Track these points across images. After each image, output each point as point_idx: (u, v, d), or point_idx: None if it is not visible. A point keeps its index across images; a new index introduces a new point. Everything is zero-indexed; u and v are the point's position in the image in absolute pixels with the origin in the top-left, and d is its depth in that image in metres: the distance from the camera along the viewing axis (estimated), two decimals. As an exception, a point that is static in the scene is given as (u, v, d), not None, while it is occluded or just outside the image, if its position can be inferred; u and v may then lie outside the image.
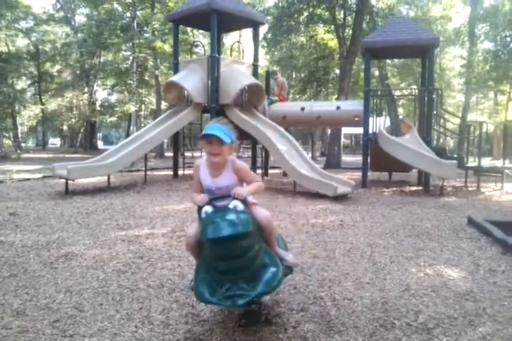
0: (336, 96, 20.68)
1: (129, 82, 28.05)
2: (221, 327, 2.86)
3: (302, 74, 30.72)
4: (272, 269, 2.60)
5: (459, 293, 3.50)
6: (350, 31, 19.97)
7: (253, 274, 2.55)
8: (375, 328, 2.87)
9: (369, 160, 11.56)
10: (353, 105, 12.08)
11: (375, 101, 11.74)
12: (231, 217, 2.50)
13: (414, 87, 28.71)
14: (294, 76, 33.25)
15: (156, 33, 25.20)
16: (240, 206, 2.62)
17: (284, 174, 12.05)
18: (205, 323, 2.93)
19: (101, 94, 40.64)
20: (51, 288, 3.55)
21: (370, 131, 11.03)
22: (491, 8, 27.96)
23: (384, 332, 2.82)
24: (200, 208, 2.67)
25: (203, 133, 2.78)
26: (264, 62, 34.34)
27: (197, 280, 2.63)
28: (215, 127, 2.78)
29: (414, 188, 10.97)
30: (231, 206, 2.61)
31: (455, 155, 12.31)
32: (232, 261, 2.48)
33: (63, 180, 9.13)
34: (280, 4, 22.06)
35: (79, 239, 5.13)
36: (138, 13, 25.72)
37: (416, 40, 10.47)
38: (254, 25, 12.50)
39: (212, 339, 2.71)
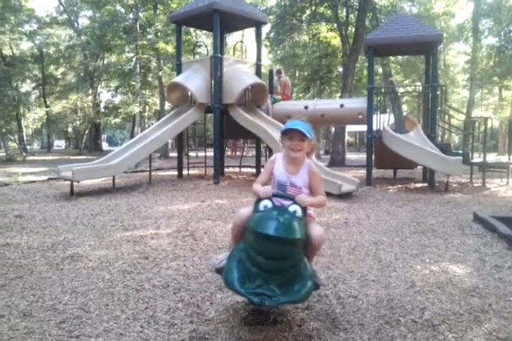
0: (340, 94, 20.66)
1: (133, 83, 28.14)
2: (226, 326, 2.86)
3: (305, 73, 30.70)
4: (305, 281, 2.58)
5: (465, 290, 3.48)
6: (353, 29, 19.93)
7: (287, 280, 2.55)
8: (381, 325, 2.87)
9: (373, 158, 11.53)
10: (356, 103, 12.05)
11: (378, 98, 11.72)
12: (288, 219, 2.50)
13: (418, 83, 28.63)
14: (297, 74, 33.21)
15: (158, 34, 25.26)
16: (299, 212, 2.61)
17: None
18: (211, 322, 2.93)
19: (105, 95, 40.80)
20: (57, 289, 3.57)
21: (374, 129, 11.02)
22: (494, 3, 27.80)
23: (389, 329, 2.81)
24: (259, 200, 2.66)
25: (286, 127, 2.80)
26: (267, 61, 34.37)
27: (230, 266, 2.61)
28: (296, 123, 2.81)
29: (419, 185, 10.94)
30: (291, 209, 2.61)
31: (460, 152, 12.26)
32: (273, 261, 2.48)
33: (68, 182, 9.16)
34: (282, 3, 22.03)
35: (84, 240, 5.15)
36: (141, 14, 25.80)
37: (419, 36, 10.42)
38: (257, 24, 12.49)
39: (217, 338, 2.71)
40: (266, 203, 2.64)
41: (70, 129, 41.99)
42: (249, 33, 32.46)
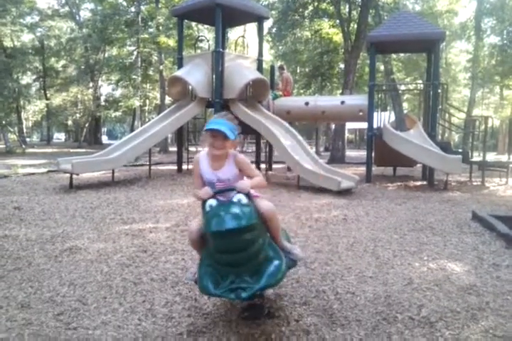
0: (341, 90, 20.62)
1: (134, 77, 28.08)
2: (224, 320, 2.87)
3: (307, 69, 30.65)
4: (276, 262, 2.60)
5: (462, 287, 3.49)
6: (355, 26, 19.87)
7: (257, 267, 2.56)
8: (378, 322, 2.88)
9: (373, 155, 11.53)
10: (357, 100, 12.02)
11: (379, 95, 11.70)
12: (235, 210, 2.50)
13: (420, 81, 28.58)
14: (298, 71, 33.14)
15: (160, 27, 25.16)
16: (244, 199, 2.62)
17: (288, 169, 12.03)
18: (208, 316, 2.94)
19: (105, 89, 40.77)
20: (55, 281, 3.58)
21: (375, 126, 11.01)
22: (497, 2, 27.70)
23: (386, 326, 2.82)
24: (204, 202, 2.67)
25: (208, 127, 2.77)
26: (268, 56, 34.27)
27: (200, 273, 2.64)
28: (220, 122, 2.78)
29: (418, 183, 10.94)
30: (235, 199, 2.61)
31: (460, 150, 12.27)
32: (236, 254, 2.49)
33: (68, 175, 9.16)
34: (285, -2, 21.96)
35: (83, 233, 5.15)
36: (142, 7, 25.73)
37: (421, 34, 10.39)
38: (259, 19, 12.44)
39: (215, 332, 2.72)
40: (210, 202, 2.64)
41: (70, 122, 41.87)
42: (251, 28, 32.35)
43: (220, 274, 2.57)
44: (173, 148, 21.32)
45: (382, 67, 22.62)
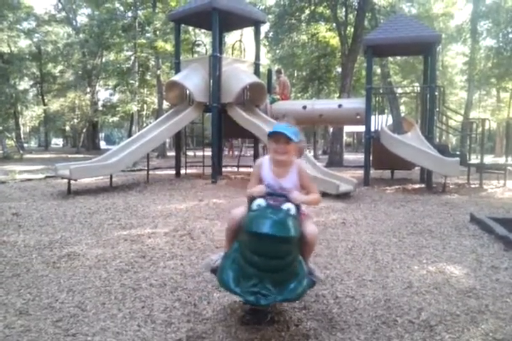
0: (338, 94, 20.67)
1: (131, 81, 28.08)
2: (223, 326, 2.86)
3: (304, 73, 30.74)
4: (301, 279, 2.59)
5: (462, 290, 3.49)
6: (352, 29, 19.94)
7: (282, 279, 2.54)
8: (378, 326, 2.87)
9: (371, 158, 11.54)
10: (354, 103, 12.06)
11: (377, 99, 11.72)
12: (282, 217, 2.49)
13: (417, 84, 28.66)
14: (295, 74, 33.22)
15: (157, 32, 25.21)
16: (293, 210, 2.61)
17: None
18: (208, 321, 2.93)
19: (103, 94, 40.71)
20: (54, 287, 3.56)
21: (372, 129, 11.02)
22: (493, 4, 27.88)
23: (386, 330, 2.81)
24: (252, 200, 2.66)
25: (271, 131, 2.78)
26: (265, 60, 34.34)
27: (224, 267, 2.61)
28: (282, 126, 2.80)
29: (416, 186, 10.95)
30: (284, 207, 2.59)
31: (457, 153, 12.29)
32: (268, 260, 2.47)
33: (66, 180, 9.14)
34: (281, 2, 22.06)
35: (81, 239, 5.14)
36: (139, 12, 25.74)
37: (418, 37, 10.43)
38: (256, 23, 12.48)
39: (214, 337, 2.71)
40: (259, 202, 2.63)
41: (67, 127, 41.87)
42: (248, 32, 32.43)
43: (243, 273, 2.54)
44: (171, 153, 21.31)
45: (379, 71, 22.67)
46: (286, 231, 2.44)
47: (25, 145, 39.88)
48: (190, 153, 15.52)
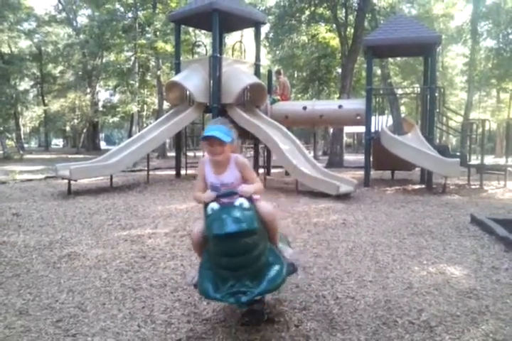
0: (338, 95, 20.66)
1: (131, 82, 28.09)
2: (223, 326, 2.86)
3: (304, 74, 30.73)
4: (276, 267, 2.60)
5: (462, 291, 3.49)
6: (352, 30, 19.94)
7: (257, 272, 2.56)
8: (378, 326, 2.87)
9: (371, 159, 11.54)
10: (355, 104, 12.05)
11: (377, 99, 11.72)
12: (237, 214, 2.50)
13: (417, 85, 28.68)
14: (295, 75, 33.21)
15: (157, 33, 25.21)
16: (246, 204, 2.62)
17: (287, 173, 12.03)
18: (208, 322, 2.93)
19: (103, 94, 40.71)
20: (54, 287, 3.56)
21: (373, 130, 11.02)
22: (493, 5, 27.84)
23: (386, 330, 2.81)
24: (206, 205, 2.67)
25: (203, 135, 2.81)
26: (266, 61, 34.35)
27: (201, 277, 2.63)
28: (214, 128, 2.83)
29: (416, 187, 10.95)
30: (237, 203, 2.61)
31: (458, 153, 12.29)
32: (237, 257, 2.48)
33: (66, 181, 9.14)
34: (282, 3, 22.04)
35: (82, 239, 5.14)
36: (140, 13, 25.75)
37: (418, 38, 10.43)
38: (256, 24, 12.49)
39: (214, 338, 2.71)
40: (212, 206, 2.64)
41: (67, 128, 41.84)
42: (249, 33, 32.45)
43: (220, 278, 2.56)
44: (172, 153, 21.31)
45: (379, 71, 22.68)
46: (245, 225, 2.45)
47: (26, 145, 39.91)
48: (190, 154, 15.51)
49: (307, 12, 22.33)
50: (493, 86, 33.47)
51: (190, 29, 24.65)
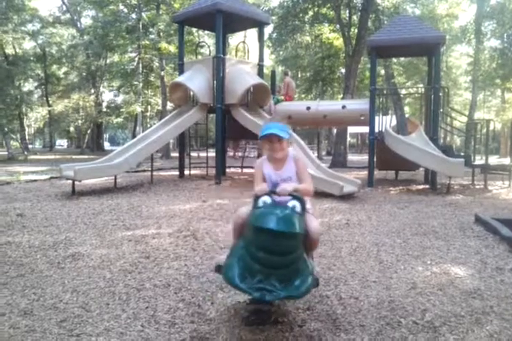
0: (342, 95, 20.64)
1: (135, 83, 28.17)
2: (227, 326, 2.86)
3: (308, 74, 30.72)
4: (305, 277, 2.60)
5: (466, 291, 3.47)
6: (356, 30, 19.93)
7: (287, 275, 2.55)
8: (382, 327, 2.86)
9: (375, 159, 11.52)
10: (358, 104, 12.04)
11: (381, 100, 11.70)
12: (288, 214, 2.52)
13: (421, 85, 28.61)
14: (299, 75, 33.22)
15: (161, 34, 25.29)
16: (298, 207, 2.64)
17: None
18: (211, 322, 2.92)
19: (107, 95, 40.85)
20: (58, 287, 3.57)
21: (377, 130, 11.00)
22: (497, 5, 27.75)
23: (390, 331, 2.80)
24: (257, 198, 2.70)
25: (263, 133, 2.91)
26: (269, 62, 34.36)
27: (230, 263, 2.63)
28: (271, 126, 2.94)
29: (421, 187, 10.92)
30: (290, 204, 2.64)
31: (462, 154, 12.25)
32: (274, 256, 2.49)
33: (70, 181, 9.17)
34: (285, 4, 22.03)
35: (86, 239, 5.15)
36: (143, 14, 25.81)
37: (422, 38, 10.41)
38: (260, 25, 12.50)
39: (218, 338, 2.70)
40: (265, 199, 2.68)
41: (72, 129, 42.07)
42: (252, 33, 32.47)
43: (249, 270, 2.55)
44: (175, 154, 21.34)
45: (383, 72, 22.66)
46: (291, 228, 2.45)
47: (30, 146, 40.09)
48: (193, 154, 15.54)
49: (311, 12, 22.34)
50: (497, 86, 33.37)
51: (194, 30, 24.69)
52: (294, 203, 2.65)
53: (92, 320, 2.95)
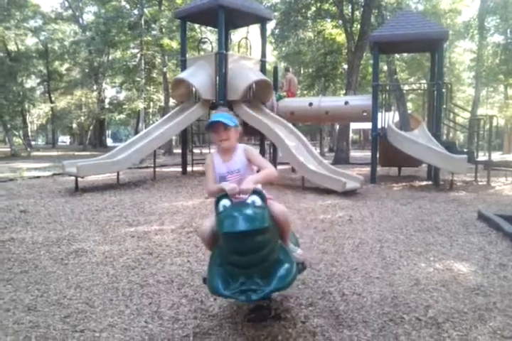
0: (344, 91, 20.60)
1: (137, 79, 28.13)
2: (230, 322, 2.87)
3: (310, 70, 30.64)
4: (286, 266, 2.59)
5: (469, 288, 3.48)
6: (358, 26, 19.84)
7: (268, 270, 2.55)
8: (385, 323, 2.86)
9: (378, 156, 11.50)
10: (361, 100, 12.01)
11: (383, 96, 11.66)
12: (249, 212, 2.49)
13: (424, 81, 28.52)
14: (301, 71, 33.13)
15: (163, 30, 25.22)
16: (258, 201, 2.60)
17: (293, 170, 12.03)
18: (214, 318, 2.94)
19: (109, 91, 40.80)
20: (62, 283, 3.58)
21: (379, 126, 10.97)
22: (501, 0, 27.61)
23: (393, 327, 2.81)
24: (217, 201, 2.66)
25: (208, 123, 2.89)
26: (271, 58, 34.28)
27: (211, 273, 2.63)
28: (217, 115, 2.91)
29: (423, 183, 10.91)
30: (249, 201, 2.60)
31: (465, 150, 12.22)
32: (248, 255, 2.47)
33: (73, 178, 9.19)
34: (287, -1, 21.99)
35: (89, 236, 5.16)
36: (145, 10, 25.75)
37: (425, 34, 10.36)
38: (262, 21, 12.46)
39: (221, 333, 2.72)
40: (224, 202, 2.63)
41: (74, 125, 42.07)
42: (254, 29, 32.39)
43: (230, 275, 2.56)
44: (178, 150, 21.34)
45: (385, 67, 22.57)
46: (256, 224, 2.43)
47: (33, 142, 40.14)
48: (196, 151, 15.52)
49: (313, 8, 22.27)
50: (500, 82, 33.22)
51: (196, 26, 24.62)
52: (253, 198, 2.60)
53: (96, 316, 2.96)
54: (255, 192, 2.64)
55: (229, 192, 2.65)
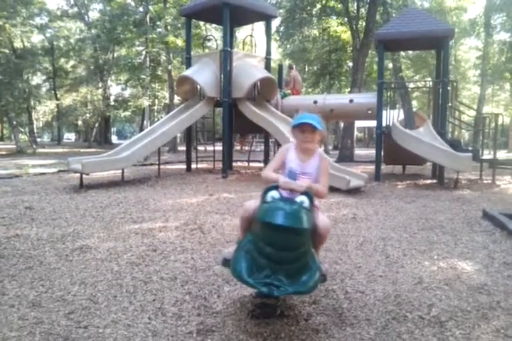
0: (349, 89, 20.54)
1: (143, 76, 28.14)
2: (233, 319, 2.87)
3: (315, 67, 30.58)
4: (313, 272, 2.59)
5: (473, 286, 3.47)
6: (364, 23, 19.78)
7: (295, 271, 2.55)
8: (388, 321, 2.86)
9: (382, 154, 11.47)
10: (366, 98, 11.98)
11: (388, 93, 11.63)
12: (296, 209, 2.51)
13: (429, 79, 28.40)
14: (306, 69, 33.07)
15: (168, 27, 25.22)
16: (307, 203, 2.63)
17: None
18: (218, 315, 2.94)
19: (115, 89, 40.83)
20: (66, 280, 3.60)
21: (384, 124, 10.95)
22: (507, -2, 27.41)
23: (396, 325, 2.81)
24: (266, 191, 2.69)
25: (297, 122, 2.89)
26: (276, 55, 34.20)
27: (237, 257, 2.63)
28: (308, 116, 2.91)
29: (428, 181, 10.88)
30: (298, 200, 2.62)
31: (470, 148, 12.18)
32: (281, 251, 2.49)
33: (78, 174, 9.22)
34: (292, -3, 21.92)
35: (93, 232, 5.18)
36: (151, 7, 25.74)
37: (430, 31, 10.31)
38: (267, 18, 12.44)
39: (224, 330, 2.72)
40: (273, 194, 2.66)
41: (79, 122, 42.18)
42: (259, 27, 32.34)
43: (256, 264, 2.56)
44: (182, 148, 21.38)
45: (390, 65, 22.49)
46: (299, 223, 2.45)
47: (38, 139, 40.19)
48: (201, 148, 15.57)
49: (318, 5, 22.22)
50: (506, 80, 33.05)
51: (201, 23, 24.61)
52: (302, 198, 2.63)
53: (100, 312, 2.98)
54: (306, 193, 2.67)
55: (283, 184, 2.70)
